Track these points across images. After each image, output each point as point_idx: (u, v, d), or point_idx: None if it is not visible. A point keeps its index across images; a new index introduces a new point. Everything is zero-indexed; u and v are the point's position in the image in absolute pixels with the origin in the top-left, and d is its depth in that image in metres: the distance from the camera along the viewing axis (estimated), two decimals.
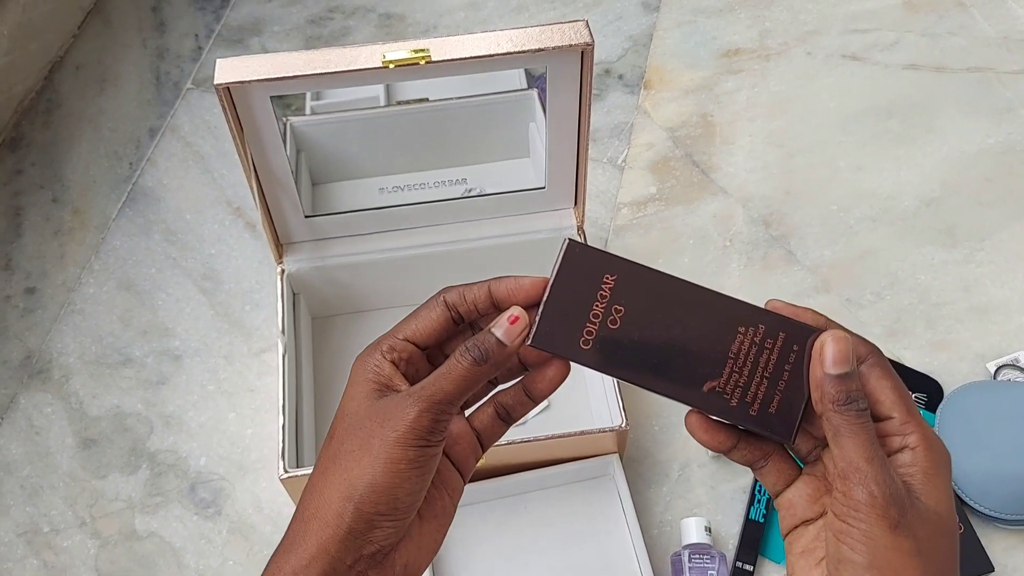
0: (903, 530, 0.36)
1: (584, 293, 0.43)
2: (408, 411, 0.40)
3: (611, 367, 0.43)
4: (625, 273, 0.43)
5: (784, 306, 0.42)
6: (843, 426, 0.37)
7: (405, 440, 0.40)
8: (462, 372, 0.41)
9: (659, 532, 0.78)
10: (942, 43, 1.09)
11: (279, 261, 0.82)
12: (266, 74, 0.66)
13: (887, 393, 0.38)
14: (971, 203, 0.97)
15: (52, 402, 0.86)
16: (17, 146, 1.03)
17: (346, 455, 0.41)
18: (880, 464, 0.37)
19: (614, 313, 0.43)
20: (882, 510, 0.36)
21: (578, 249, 0.44)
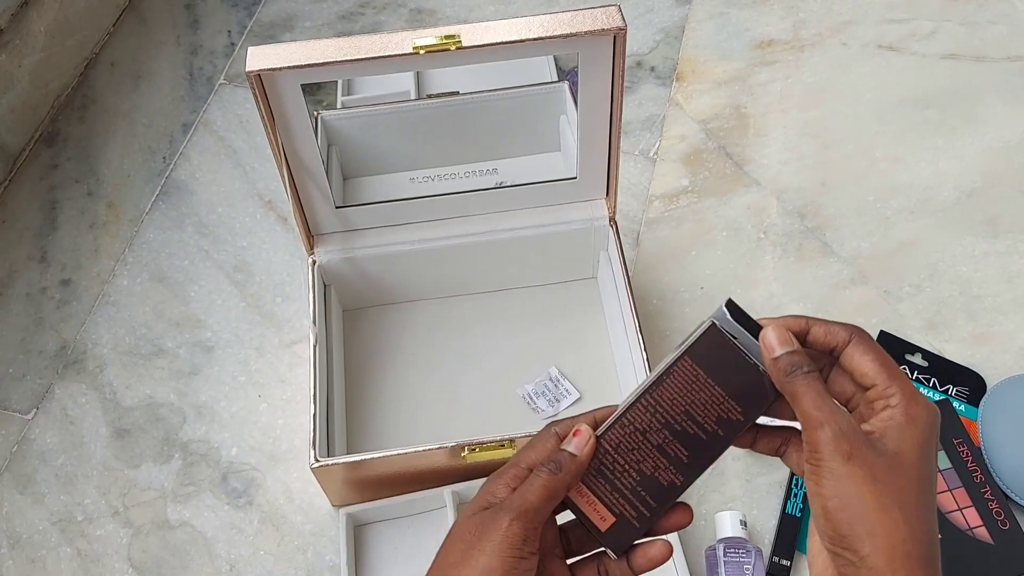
0: (856, 460, 0.41)
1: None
2: (501, 521, 0.44)
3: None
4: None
5: (772, 323, 0.46)
6: (795, 390, 0.43)
7: (501, 550, 0.44)
8: (543, 482, 0.45)
9: (693, 526, 0.76)
10: (982, 32, 1.07)
11: (310, 252, 0.82)
12: (297, 61, 0.66)
13: (868, 365, 0.43)
14: (1013, 193, 0.94)
15: (86, 392, 0.86)
16: (53, 141, 1.04)
17: (453, 567, 0.44)
18: (829, 409, 0.42)
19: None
20: (834, 444, 0.41)
21: None
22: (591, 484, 0.47)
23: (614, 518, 0.47)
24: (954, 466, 0.75)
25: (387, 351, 0.87)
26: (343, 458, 0.71)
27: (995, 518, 0.73)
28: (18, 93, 1.02)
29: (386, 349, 0.87)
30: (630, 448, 0.47)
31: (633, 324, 0.77)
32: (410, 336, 0.88)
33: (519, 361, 0.85)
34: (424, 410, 0.83)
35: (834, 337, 0.45)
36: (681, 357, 0.48)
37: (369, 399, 0.84)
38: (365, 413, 0.83)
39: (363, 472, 0.73)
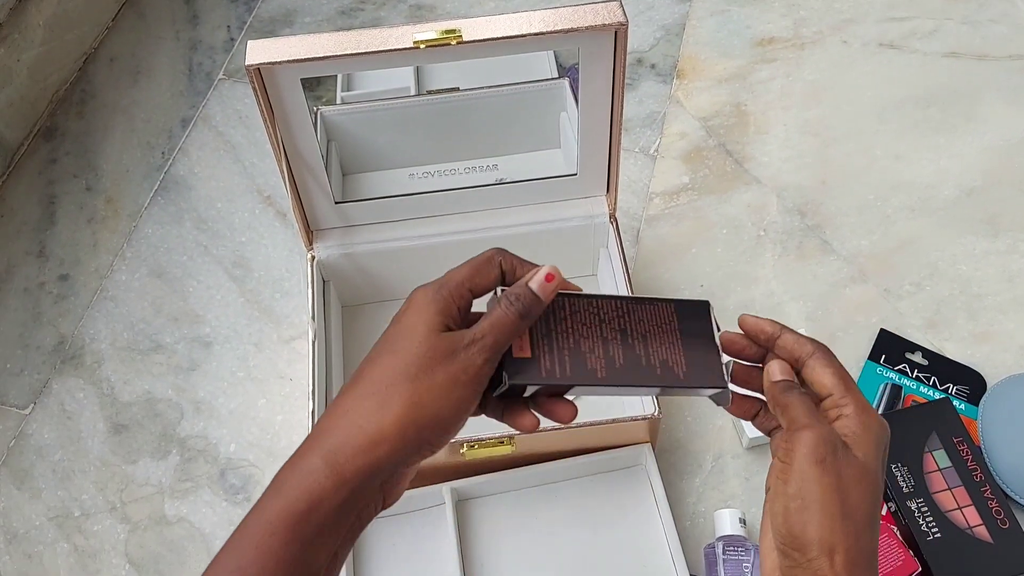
0: (828, 467, 0.43)
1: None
2: (476, 358, 0.44)
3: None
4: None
5: (749, 317, 0.51)
6: (788, 401, 0.46)
7: (472, 384, 0.44)
8: (512, 323, 0.45)
9: (692, 524, 0.76)
10: (983, 31, 1.07)
11: (309, 247, 0.81)
12: (297, 55, 0.66)
13: (827, 377, 0.47)
14: (1014, 192, 0.94)
15: (84, 387, 0.86)
16: (52, 136, 1.04)
17: (413, 380, 0.43)
18: (816, 419, 0.45)
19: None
20: (811, 448, 0.43)
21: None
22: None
23: (529, 355, 0.48)
24: (954, 465, 0.75)
25: None
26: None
27: (995, 517, 0.72)
28: (16, 88, 1.01)
29: None
30: (583, 322, 0.49)
31: None
32: None
33: None
34: None
35: (801, 348, 0.49)
36: (668, 301, 0.51)
37: None
38: None
39: None
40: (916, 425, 0.77)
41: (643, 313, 0.50)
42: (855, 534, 0.42)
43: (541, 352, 0.48)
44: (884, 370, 0.83)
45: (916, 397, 0.81)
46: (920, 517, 0.72)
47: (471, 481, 0.75)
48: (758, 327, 0.50)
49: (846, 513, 0.42)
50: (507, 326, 0.45)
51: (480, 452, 0.71)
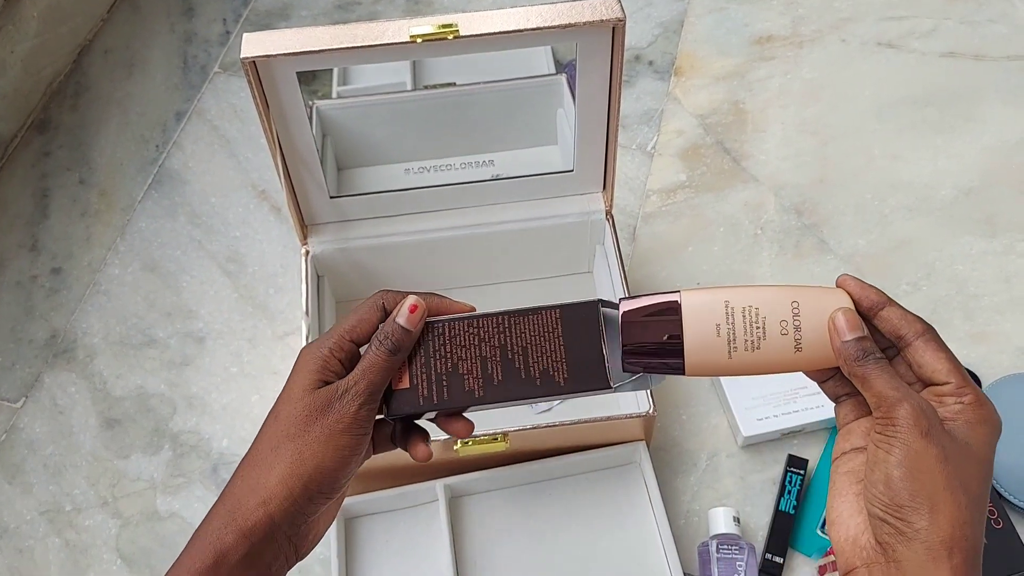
0: (932, 438, 0.41)
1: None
2: (350, 406, 0.47)
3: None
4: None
5: (853, 281, 0.46)
6: (866, 374, 0.44)
7: (350, 430, 0.46)
8: (383, 364, 0.48)
9: (686, 522, 0.76)
10: (982, 31, 1.07)
11: (303, 242, 0.81)
12: (292, 48, 0.65)
13: (943, 363, 0.44)
14: (1012, 193, 0.94)
15: (76, 382, 0.86)
16: (45, 128, 1.03)
17: (293, 439, 0.46)
18: (906, 390, 0.43)
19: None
20: (914, 420, 0.42)
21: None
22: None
23: (408, 386, 0.50)
24: None
25: None
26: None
27: (988, 517, 0.72)
28: (10, 80, 1.00)
29: None
30: (460, 345, 0.50)
31: None
32: None
33: None
34: None
35: (909, 326, 0.45)
36: (553, 307, 0.51)
37: None
38: None
39: None
40: None
41: (525, 325, 0.51)
42: (968, 509, 0.41)
43: (419, 381, 0.50)
44: None
45: None
46: None
47: (465, 478, 0.75)
48: (862, 293, 0.46)
49: (955, 486, 0.41)
50: (378, 367, 0.48)
51: (474, 449, 0.71)
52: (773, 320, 0.45)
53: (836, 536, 0.45)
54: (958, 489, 0.41)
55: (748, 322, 0.45)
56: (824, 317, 0.45)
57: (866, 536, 0.43)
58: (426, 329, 0.50)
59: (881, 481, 0.42)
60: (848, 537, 0.44)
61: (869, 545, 0.43)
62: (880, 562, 0.42)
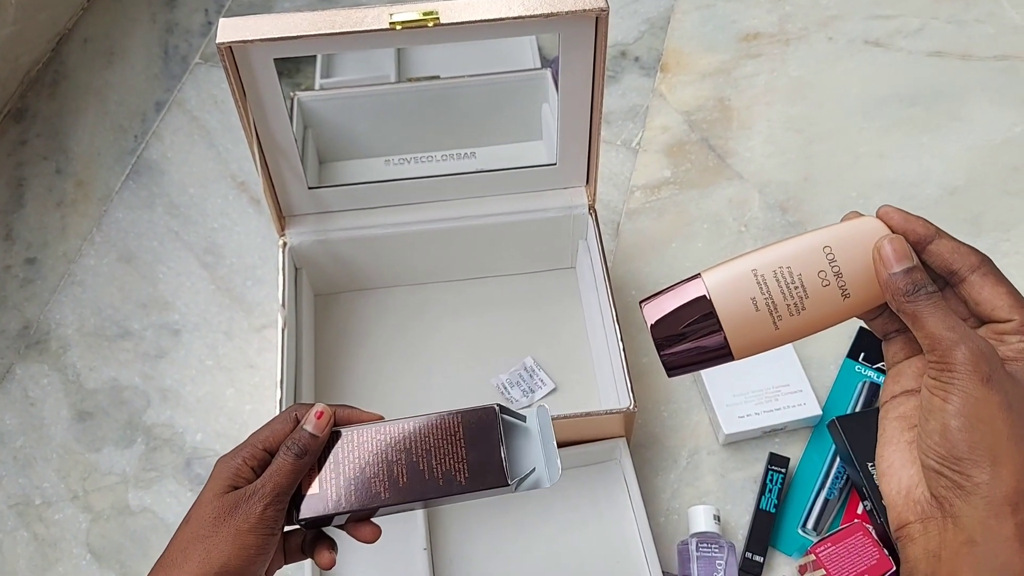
0: (995, 384, 0.37)
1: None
2: (256, 507, 0.50)
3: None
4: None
5: (896, 212, 0.42)
6: (918, 311, 0.39)
7: (256, 530, 0.49)
8: (290, 467, 0.51)
9: (666, 520, 0.75)
10: (968, 30, 1.06)
11: (281, 233, 0.80)
12: (269, 34, 0.64)
13: (1004, 298, 0.40)
14: (997, 192, 0.94)
15: (48, 373, 0.84)
16: (22, 117, 1.02)
17: (203, 540, 0.49)
18: (963, 329, 0.39)
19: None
20: (973, 365, 0.37)
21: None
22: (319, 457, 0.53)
23: (318, 491, 0.53)
24: None
25: (359, 338, 0.85)
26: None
27: None
28: None
29: (358, 336, 0.85)
30: (367, 450, 0.54)
31: (611, 315, 0.76)
32: (383, 323, 0.86)
33: (494, 351, 0.84)
34: (395, 399, 0.81)
35: (963, 259, 0.41)
36: (455, 413, 0.55)
37: (339, 386, 0.82)
38: (335, 400, 0.81)
39: None
40: None
41: (429, 430, 0.55)
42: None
43: (328, 486, 0.53)
44: (863, 368, 0.82)
45: None
46: None
47: None
48: (907, 226, 0.42)
49: (1017, 435, 0.37)
50: (285, 470, 0.50)
51: None
52: (810, 274, 0.41)
53: (887, 488, 0.41)
54: (1020, 438, 0.37)
55: (784, 284, 0.41)
56: (866, 253, 0.40)
57: (920, 489, 0.39)
58: (335, 437, 0.54)
59: (937, 431, 0.38)
60: (900, 490, 0.40)
61: (924, 499, 0.39)
62: (936, 517, 0.38)
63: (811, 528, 0.74)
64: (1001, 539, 0.36)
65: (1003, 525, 0.36)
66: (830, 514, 0.74)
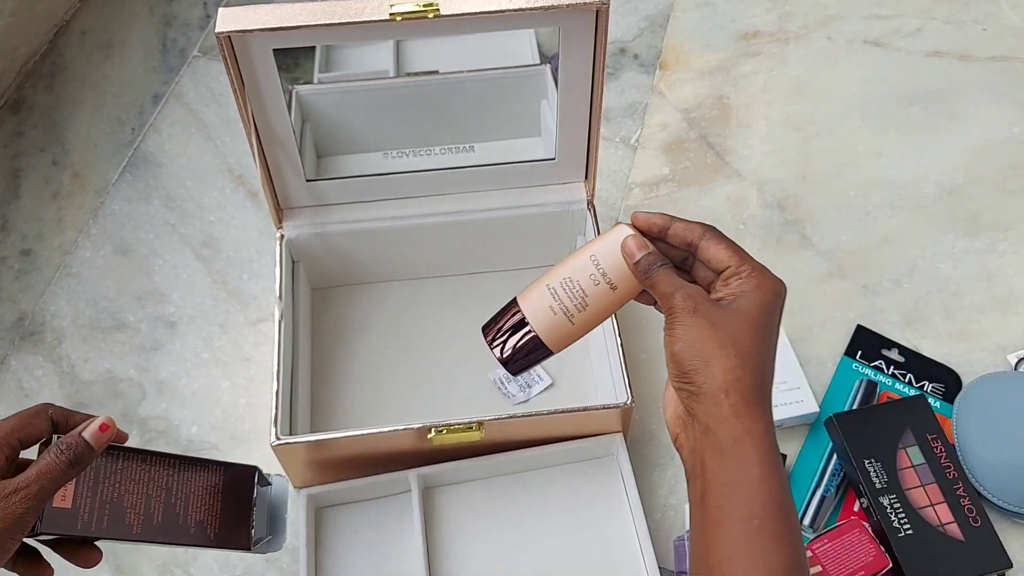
0: (700, 312, 0.48)
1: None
2: (17, 507, 0.47)
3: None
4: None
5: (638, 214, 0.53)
6: (653, 282, 0.50)
7: (10, 532, 0.47)
8: (60, 473, 0.48)
9: (662, 516, 0.75)
10: (967, 31, 1.07)
11: (279, 226, 0.79)
12: (269, 24, 0.64)
13: (721, 252, 0.50)
14: (995, 192, 0.94)
15: (43, 364, 0.84)
16: (19, 108, 1.01)
17: None
18: (680, 283, 0.50)
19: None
20: (683, 303, 0.49)
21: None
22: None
23: (70, 506, 0.51)
24: (928, 462, 0.74)
25: (356, 331, 0.85)
26: (305, 437, 0.69)
27: (967, 515, 0.72)
28: None
29: (355, 329, 0.85)
30: (132, 477, 0.54)
31: None
32: (380, 316, 0.85)
33: None
34: (392, 392, 0.81)
35: (691, 233, 0.51)
36: (220, 464, 0.58)
37: (336, 379, 0.82)
38: (331, 394, 0.81)
39: (326, 452, 0.71)
40: (891, 421, 0.76)
41: (193, 473, 0.56)
42: (737, 357, 0.47)
43: (83, 503, 0.51)
44: (860, 366, 0.82)
45: (891, 394, 0.81)
46: (892, 513, 0.71)
47: (438, 468, 0.73)
48: (649, 222, 0.53)
49: (723, 343, 0.47)
50: (55, 474, 0.48)
51: (448, 437, 0.70)
52: (585, 279, 0.53)
53: (666, 417, 0.52)
54: (727, 344, 0.47)
55: (569, 291, 0.53)
56: (619, 253, 0.52)
57: (681, 408, 0.49)
58: (102, 453, 0.52)
59: (670, 360, 0.49)
60: (672, 416, 0.51)
61: (683, 414, 0.49)
62: (689, 423, 0.48)
63: (808, 525, 0.74)
64: (722, 418, 0.46)
65: (721, 408, 0.46)
66: (827, 511, 0.74)
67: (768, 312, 0.49)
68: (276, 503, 0.62)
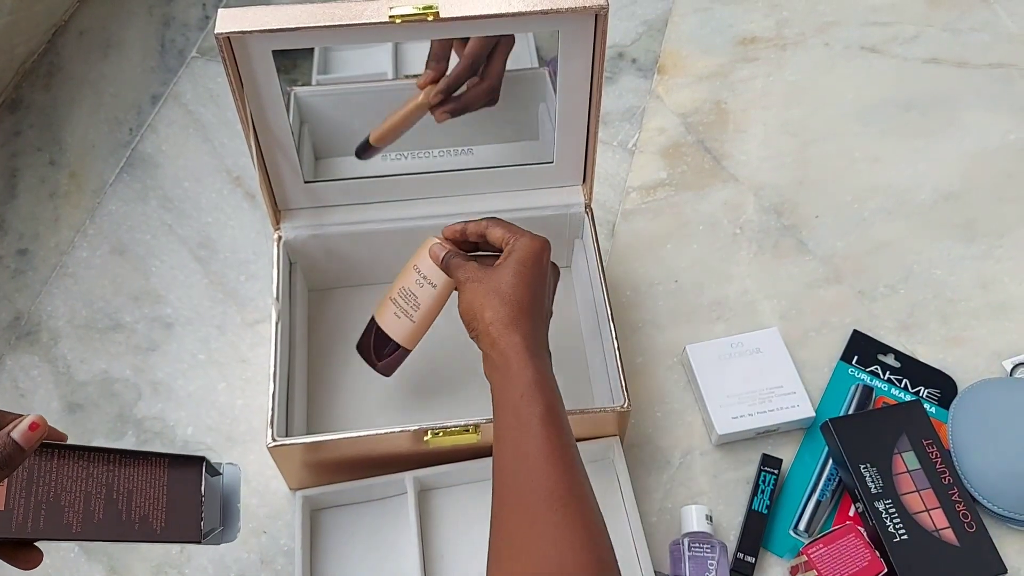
0: (473, 280, 0.65)
1: None
2: None
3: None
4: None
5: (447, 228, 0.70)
6: (449, 268, 0.68)
7: None
8: None
9: (658, 520, 0.75)
10: (964, 38, 1.07)
11: (276, 227, 0.79)
12: (268, 25, 0.64)
13: (498, 232, 0.66)
14: (991, 198, 0.94)
15: (39, 364, 0.83)
16: (16, 107, 1.01)
17: None
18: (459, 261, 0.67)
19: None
20: (462, 275, 0.66)
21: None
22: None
23: (3, 508, 0.50)
24: (923, 467, 0.74)
25: (353, 333, 0.84)
26: (301, 438, 0.69)
27: (962, 520, 0.72)
28: None
29: (352, 331, 0.84)
30: (69, 475, 0.52)
31: (606, 315, 0.76)
32: None
33: None
34: (388, 395, 0.81)
35: (479, 226, 0.67)
36: (163, 456, 0.57)
37: (332, 381, 0.81)
38: (327, 395, 0.81)
39: (322, 454, 0.70)
40: (886, 426, 0.76)
41: (134, 468, 0.55)
42: (498, 299, 0.61)
43: (16, 504, 0.49)
44: (856, 371, 0.82)
45: (887, 399, 0.81)
46: (888, 518, 0.71)
47: (434, 471, 0.73)
48: (452, 230, 0.69)
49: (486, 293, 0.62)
50: None
51: (444, 440, 0.69)
52: (412, 284, 0.71)
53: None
54: (491, 294, 0.62)
55: (404, 297, 0.71)
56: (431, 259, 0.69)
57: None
58: (35, 452, 0.50)
59: (462, 320, 0.65)
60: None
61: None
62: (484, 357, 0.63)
63: (803, 529, 0.74)
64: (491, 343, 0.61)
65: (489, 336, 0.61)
66: (822, 516, 0.74)
67: (528, 263, 0.63)
68: (228, 492, 0.60)
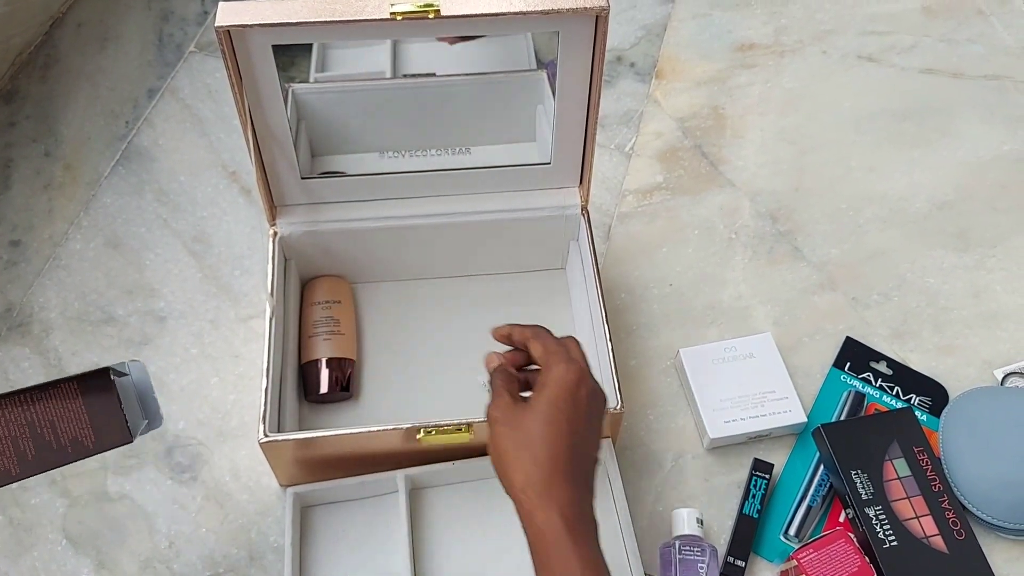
0: (502, 423, 0.57)
1: None
2: None
3: None
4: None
5: (495, 332, 0.65)
6: (491, 396, 0.60)
7: None
8: None
9: (649, 523, 0.75)
10: (960, 49, 1.08)
11: (272, 223, 0.79)
12: (268, 19, 0.64)
13: (537, 351, 0.60)
14: (985, 208, 0.94)
15: (30, 356, 0.83)
16: (12, 98, 1.01)
17: None
18: (492, 399, 0.59)
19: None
20: (491, 413, 0.58)
21: None
22: None
23: None
24: (913, 474, 0.74)
25: None
26: (293, 435, 0.69)
27: (951, 528, 0.72)
28: None
29: None
30: None
31: (600, 317, 0.76)
32: (370, 318, 0.85)
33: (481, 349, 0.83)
34: (380, 393, 0.81)
35: (523, 335, 0.62)
36: (71, 379, 0.57)
37: None
38: None
39: (313, 451, 0.70)
40: (878, 433, 0.76)
41: (48, 400, 0.57)
42: (528, 457, 0.54)
43: None
44: (848, 377, 0.82)
45: (879, 406, 0.81)
46: (878, 524, 0.71)
47: (426, 469, 0.73)
48: (501, 336, 0.64)
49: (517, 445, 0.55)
50: None
51: (437, 438, 0.69)
52: (319, 315, 0.79)
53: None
54: (521, 447, 0.55)
55: (320, 325, 0.78)
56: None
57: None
58: None
59: (492, 465, 0.58)
60: None
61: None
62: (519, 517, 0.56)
63: (793, 534, 0.74)
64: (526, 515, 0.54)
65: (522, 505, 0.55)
66: (812, 521, 0.75)
67: (560, 403, 0.56)
68: (141, 387, 0.62)
